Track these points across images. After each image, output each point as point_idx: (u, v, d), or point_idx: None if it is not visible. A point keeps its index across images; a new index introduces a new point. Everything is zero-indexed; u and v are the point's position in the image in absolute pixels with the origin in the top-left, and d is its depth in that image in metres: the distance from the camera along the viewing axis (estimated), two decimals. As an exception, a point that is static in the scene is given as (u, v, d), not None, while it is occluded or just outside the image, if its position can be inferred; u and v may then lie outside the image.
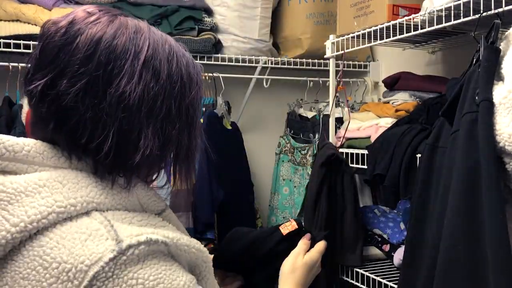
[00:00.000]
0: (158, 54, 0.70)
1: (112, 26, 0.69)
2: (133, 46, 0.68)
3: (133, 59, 0.68)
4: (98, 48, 0.66)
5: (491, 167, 0.99)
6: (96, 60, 0.66)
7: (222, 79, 2.18)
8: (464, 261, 1.01)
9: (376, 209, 1.90)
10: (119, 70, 0.66)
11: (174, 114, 0.71)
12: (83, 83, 0.65)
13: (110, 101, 0.65)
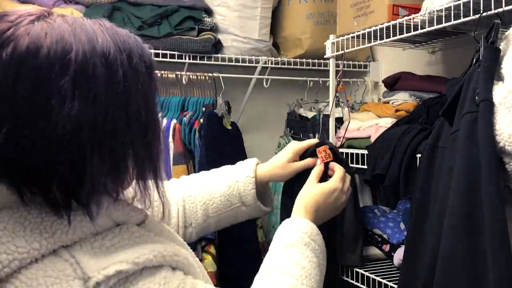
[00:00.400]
0: (90, 60, 0.57)
1: (29, 36, 0.55)
2: (58, 58, 0.55)
3: (61, 74, 0.54)
4: (20, 70, 0.53)
5: (491, 167, 0.99)
6: (19, 91, 0.53)
7: (222, 79, 2.18)
8: (463, 261, 1.01)
9: (376, 209, 1.90)
10: (48, 93, 0.54)
11: (121, 129, 0.61)
12: (10, 125, 0.54)
13: (42, 136, 0.55)
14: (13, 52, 0.54)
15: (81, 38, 0.58)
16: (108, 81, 0.58)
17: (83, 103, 0.56)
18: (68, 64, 0.55)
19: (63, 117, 0.54)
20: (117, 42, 0.62)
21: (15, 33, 0.55)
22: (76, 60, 0.56)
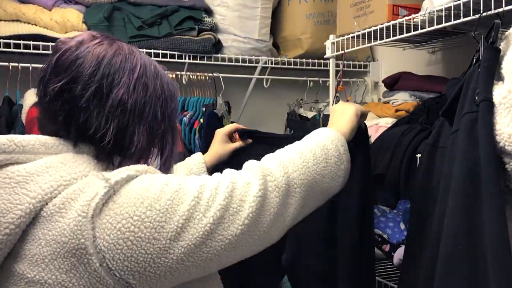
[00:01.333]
0: (147, 72, 0.93)
1: (112, 48, 0.91)
2: (128, 64, 0.91)
3: (129, 74, 0.90)
4: (102, 63, 0.88)
5: (491, 167, 0.99)
6: (101, 73, 0.88)
7: (222, 79, 2.18)
8: (464, 261, 1.01)
9: (376, 209, 1.90)
10: (118, 81, 0.89)
11: (159, 119, 0.94)
12: (93, 90, 0.87)
13: (112, 104, 0.88)
14: (99, 54, 0.89)
15: (144, 58, 0.95)
16: (154, 87, 0.94)
17: (139, 94, 0.91)
18: (134, 69, 0.91)
19: (128, 97, 0.89)
20: (162, 70, 0.98)
21: (103, 41, 0.92)
22: (140, 69, 0.92)
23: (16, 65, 1.84)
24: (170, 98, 0.97)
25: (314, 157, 1.02)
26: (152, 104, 0.92)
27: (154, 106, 0.92)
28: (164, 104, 0.95)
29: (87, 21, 2.00)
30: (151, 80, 0.93)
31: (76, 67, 0.87)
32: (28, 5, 1.98)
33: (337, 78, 1.88)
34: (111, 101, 0.87)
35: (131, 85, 0.89)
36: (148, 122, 0.92)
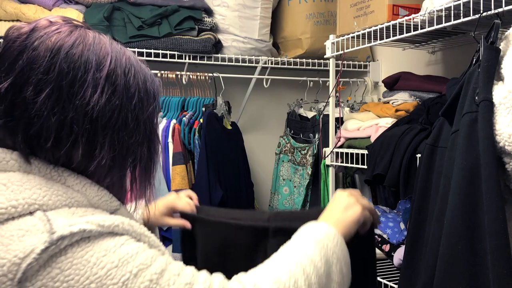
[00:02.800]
0: (118, 68, 0.73)
1: (71, 36, 0.71)
2: (94, 57, 0.71)
3: (95, 71, 0.70)
4: (58, 57, 0.68)
5: (491, 167, 0.99)
6: (57, 69, 0.68)
7: (222, 79, 2.18)
8: (464, 261, 1.01)
9: (376, 209, 1.90)
10: (82, 81, 0.69)
11: (131, 127, 0.74)
12: (47, 92, 0.67)
13: (76, 111, 0.68)
14: (55, 43, 0.69)
15: (115, 49, 0.75)
16: (125, 86, 0.73)
17: (109, 97, 0.71)
18: (103, 64, 0.71)
19: (95, 103, 0.69)
20: (138, 63, 0.78)
21: (60, 28, 0.72)
22: (110, 64, 0.72)
23: (16, 65, 1.84)
24: (147, 99, 0.77)
25: (316, 273, 0.78)
26: (122, 108, 0.72)
27: (125, 111, 0.72)
28: (138, 107, 0.75)
29: (87, 21, 2.00)
30: (121, 78, 0.73)
31: (25, 61, 0.67)
32: (28, 5, 1.98)
33: (335, 78, 1.89)
34: (75, 108, 0.68)
35: (99, 86, 0.70)
36: (115, 132, 0.72)
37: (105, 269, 0.63)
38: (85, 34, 0.73)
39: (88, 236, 0.64)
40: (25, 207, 0.64)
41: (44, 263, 0.60)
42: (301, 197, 2.18)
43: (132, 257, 0.65)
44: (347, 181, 2.09)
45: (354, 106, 2.27)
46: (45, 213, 0.64)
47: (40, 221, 0.63)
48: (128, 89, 0.73)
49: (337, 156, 1.89)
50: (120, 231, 0.67)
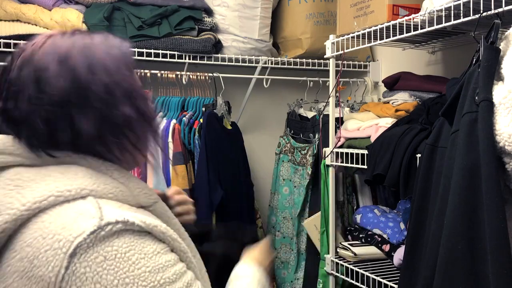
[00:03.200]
0: (74, 57, 0.79)
1: (43, 47, 0.83)
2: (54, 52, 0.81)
3: (58, 64, 0.79)
4: (24, 66, 0.80)
5: (491, 167, 0.99)
6: (24, 77, 0.78)
7: (222, 79, 2.18)
8: (464, 260, 1.01)
9: (376, 209, 1.90)
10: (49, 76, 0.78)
11: (114, 102, 0.81)
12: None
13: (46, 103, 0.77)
14: (28, 56, 0.82)
15: (74, 41, 0.83)
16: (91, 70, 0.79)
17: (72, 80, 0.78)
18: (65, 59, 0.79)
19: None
20: (102, 41, 0.84)
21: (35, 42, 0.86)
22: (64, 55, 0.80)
23: (16, 65, 1.84)
24: (123, 67, 0.83)
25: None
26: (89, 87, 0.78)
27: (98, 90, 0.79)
28: (114, 83, 0.80)
29: (87, 21, 2.00)
30: (81, 64, 0.79)
31: (12, 80, 0.81)
32: (28, 5, 1.98)
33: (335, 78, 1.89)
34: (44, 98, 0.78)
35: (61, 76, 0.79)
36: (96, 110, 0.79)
37: (140, 271, 0.72)
38: (57, 37, 0.85)
39: (131, 229, 0.74)
40: (78, 191, 0.75)
41: (92, 245, 0.70)
42: (301, 197, 2.18)
43: (163, 268, 0.75)
44: (347, 181, 2.09)
45: (354, 106, 2.27)
46: (96, 200, 0.75)
47: (92, 206, 0.73)
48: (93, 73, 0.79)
49: (337, 156, 1.89)
50: (157, 233, 0.77)
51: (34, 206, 0.72)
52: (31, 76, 0.78)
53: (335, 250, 1.92)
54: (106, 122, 0.80)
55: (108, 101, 0.79)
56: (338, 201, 2.02)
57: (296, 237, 2.22)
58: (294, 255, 2.23)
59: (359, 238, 1.88)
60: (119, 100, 0.80)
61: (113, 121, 0.80)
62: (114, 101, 0.80)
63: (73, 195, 0.74)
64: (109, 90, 0.79)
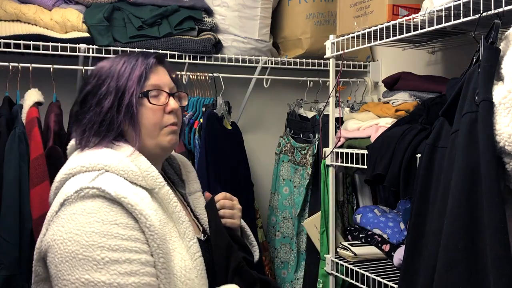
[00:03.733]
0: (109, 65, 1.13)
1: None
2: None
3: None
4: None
5: (491, 167, 0.99)
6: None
7: (222, 79, 2.18)
8: (464, 260, 1.01)
9: (376, 209, 1.90)
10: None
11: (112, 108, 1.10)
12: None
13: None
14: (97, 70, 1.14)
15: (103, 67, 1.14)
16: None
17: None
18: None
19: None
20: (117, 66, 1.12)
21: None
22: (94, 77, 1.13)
23: (16, 65, 1.84)
24: (122, 69, 1.10)
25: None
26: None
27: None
28: (113, 76, 1.10)
29: (87, 21, 2.00)
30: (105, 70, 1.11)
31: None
32: (28, 5, 1.98)
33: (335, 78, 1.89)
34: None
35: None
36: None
37: (90, 229, 0.93)
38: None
39: (104, 195, 0.96)
40: (95, 165, 1.01)
41: (73, 200, 0.96)
42: (301, 197, 2.19)
43: (110, 236, 0.93)
44: (347, 181, 2.09)
45: (354, 106, 2.27)
46: (102, 172, 1.00)
47: (92, 176, 0.98)
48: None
49: (337, 156, 1.89)
50: (126, 204, 0.96)
51: (68, 172, 1.02)
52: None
53: (335, 250, 1.92)
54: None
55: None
56: (338, 201, 2.02)
57: (296, 237, 2.22)
58: (294, 255, 2.23)
59: (359, 238, 1.88)
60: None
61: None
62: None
63: (92, 167, 1.01)
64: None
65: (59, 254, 0.93)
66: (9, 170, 1.64)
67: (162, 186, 1.05)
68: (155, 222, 0.98)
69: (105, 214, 0.94)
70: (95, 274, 0.90)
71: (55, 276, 0.94)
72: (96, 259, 0.91)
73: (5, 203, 1.62)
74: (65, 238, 0.93)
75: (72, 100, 1.17)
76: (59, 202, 0.97)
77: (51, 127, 1.77)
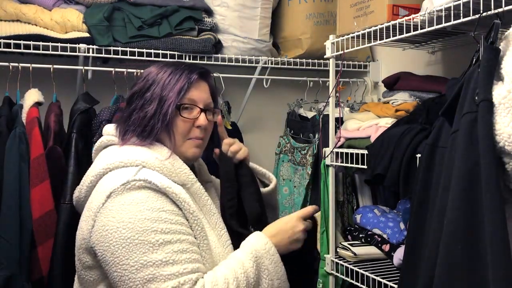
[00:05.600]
0: (157, 71, 1.24)
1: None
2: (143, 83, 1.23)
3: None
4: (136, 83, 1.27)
5: (490, 167, 0.99)
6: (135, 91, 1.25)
7: (222, 79, 2.18)
8: (463, 261, 1.01)
9: (376, 209, 1.90)
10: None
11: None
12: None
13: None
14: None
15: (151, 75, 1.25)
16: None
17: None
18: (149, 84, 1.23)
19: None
20: (166, 74, 1.23)
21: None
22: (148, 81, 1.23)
23: (16, 65, 1.84)
24: (167, 80, 1.20)
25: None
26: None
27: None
28: (157, 84, 1.20)
29: (87, 21, 2.00)
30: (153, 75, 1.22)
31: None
32: (29, 5, 1.98)
33: (335, 78, 1.89)
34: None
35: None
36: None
37: (142, 216, 1.04)
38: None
39: (150, 187, 1.07)
40: (133, 161, 1.13)
41: (121, 192, 1.06)
42: (301, 197, 2.19)
43: (161, 220, 1.05)
44: (347, 181, 2.09)
45: (354, 106, 2.27)
46: (141, 167, 1.11)
47: (134, 170, 1.10)
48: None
49: (337, 156, 1.89)
50: (170, 194, 1.08)
51: (106, 167, 1.13)
52: (137, 91, 1.21)
53: (335, 250, 1.92)
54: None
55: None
56: (338, 201, 2.02)
57: (296, 237, 2.22)
58: (294, 255, 2.23)
59: (359, 238, 1.88)
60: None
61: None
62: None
63: (130, 163, 1.12)
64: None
65: (115, 242, 1.02)
66: (9, 170, 1.64)
67: (194, 182, 1.18)
68: (196, 210, 1.12)
69: (153, 202, 1.05)
70: (152, 255, 1.01)
71: (113, 262, 1.03)
72: (151, 241, 1.02)
73: (5, 203, 1.62)
74: (118, 227, 1.03)
75: (72, 100, 1.20)
76: (105, 195, 1.07)
77: (51, 127, 1.77)
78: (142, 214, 1.04)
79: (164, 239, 1.03)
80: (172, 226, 1.05)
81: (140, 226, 1.02)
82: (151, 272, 1.00)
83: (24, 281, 1.60)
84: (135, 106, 1.20)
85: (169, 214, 1.06)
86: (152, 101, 1.18)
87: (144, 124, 1.18)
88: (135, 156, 1.13)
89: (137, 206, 1.04)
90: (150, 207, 1.05)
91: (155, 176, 1.10)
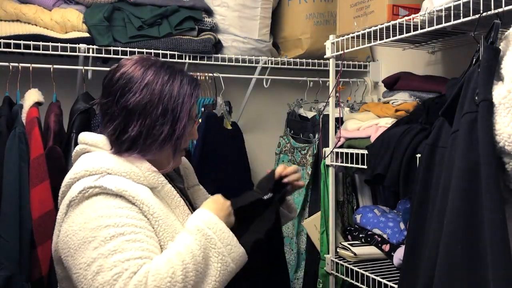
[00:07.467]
0: (156, 81, 1.15)
1: (137, 67, 1.17)
2: (141, 76, 1.16)
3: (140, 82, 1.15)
4: (119, 78, 1.17)
5: (490, 167, 0.99)
6: (116, 85, 1.16)
7: (222, 79, 2.18)
8: (463, 261, 1.01)
9: (376, 209, 1.90)
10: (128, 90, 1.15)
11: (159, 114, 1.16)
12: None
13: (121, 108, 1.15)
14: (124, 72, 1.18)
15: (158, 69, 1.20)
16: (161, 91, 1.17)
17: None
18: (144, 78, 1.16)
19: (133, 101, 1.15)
20: (177, 77, 1.20)
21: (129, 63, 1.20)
22: (149, 78, 1.17)
23: (16, 65, 1.84)
24: (177, 96, 1.16)
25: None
26: (155, 103, 1.14)
27: (156, 105, 1.14)
28: (168, 101, 1.15)
29: (87, 21, 2.00)
30: (156, 86, 1.15)
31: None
32: (29, 5, 1.98)
33: (335, 79, 1.89)
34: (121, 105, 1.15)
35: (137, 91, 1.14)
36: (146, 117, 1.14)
37: (97, 214, 1.04)
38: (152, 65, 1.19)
39: (106, 192, 1.06)
40: (98, 169, 1.10)
41: (79, 200, 1.06)
42: (301, 197, 2.18)
43: (115, 215, 1.04)
44: (347, 181, 2.08)
45: (354, 106, 2.27)
46: (104, 174, 1.09)
47: (95, 177, 1.08)
48: (161, 93, 1.15)
49: (337, 156, 1.89)
50: (128, 196, 1.06)
51: (73, 176, 1.11)
52: (120, 85, 1.15)
53: (335, 250, 1.92)
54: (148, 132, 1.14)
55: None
56: (338, 201, 2.02)
57: (296, 237, 2.22)
58: (294, 255, 2.23)
59: (359, 238, 1.88)
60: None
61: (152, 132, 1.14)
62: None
63: (95, 170, 1.10)
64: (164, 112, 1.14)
65: (73, 245, 1.03)
66: (9, 170, 1.64)
67: (165, 184, 1.16)
68: (158, 211, 1.09)
69: (109, 202, 1.05)
70: (103, 248, 0.99)
71: (72, 265, 1.02)
72: (104, 235, 1.00)
73: (5, 203, 1.62)
74: (75, 230, 1.04)
75: (72, 100, 1.20)
76: (65, 205, 1.08)
77: (51, 127, 1.77)
78: (97, 212, 1.03)
79: (116, 231, 1.01)
80: (128, 220, 1.03)
81: (94, 224, 1.02)
82: (99, 264, 0.98)
83: (24, 281, 1.60)
84: (139, 122, 1.14)
85: (125, 210, 1.05)
86: (164, 123, 1.14)
87: (154, 146, 1.15)
88: (101, 163, 1.11)
89: (92, 208, 1.04)
90: (106, 205, 1.04)
91: (116, 181, 1.07)
